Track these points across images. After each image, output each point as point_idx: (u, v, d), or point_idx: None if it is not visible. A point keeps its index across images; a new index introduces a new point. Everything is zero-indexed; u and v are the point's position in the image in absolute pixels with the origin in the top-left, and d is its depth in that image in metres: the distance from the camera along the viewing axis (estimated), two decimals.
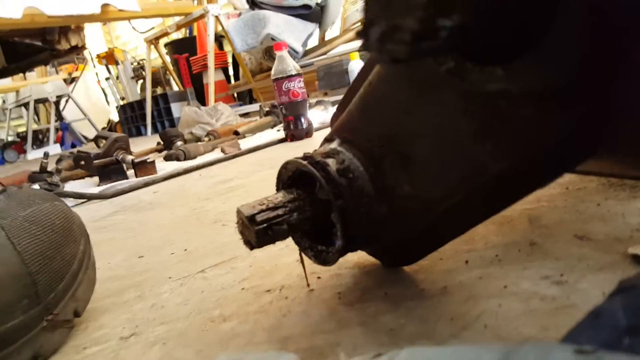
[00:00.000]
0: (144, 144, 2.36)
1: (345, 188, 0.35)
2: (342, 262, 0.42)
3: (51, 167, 1.54)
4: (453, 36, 0.21)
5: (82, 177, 1.53)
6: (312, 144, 1.36)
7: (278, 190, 0.39)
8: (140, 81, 4.62)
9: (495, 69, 0.23)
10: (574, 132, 0.25)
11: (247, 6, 3.32)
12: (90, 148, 2.01)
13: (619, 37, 0.20)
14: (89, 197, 1.19)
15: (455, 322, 0.30)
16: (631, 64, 0.21)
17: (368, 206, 0.35)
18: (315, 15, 3.15)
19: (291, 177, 0.39)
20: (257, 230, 0.32)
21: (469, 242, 0.41)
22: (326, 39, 3.24)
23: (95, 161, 1.40)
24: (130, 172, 1.40)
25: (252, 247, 0.33)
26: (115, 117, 5.33)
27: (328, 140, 0.41)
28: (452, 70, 0.25)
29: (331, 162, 0.37)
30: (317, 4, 3.19)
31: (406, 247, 0.36)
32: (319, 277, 0.41)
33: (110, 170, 1.35)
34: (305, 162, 0.37)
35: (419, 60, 0.21)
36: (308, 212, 0.36)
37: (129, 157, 1.47)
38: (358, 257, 0.43)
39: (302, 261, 0.38)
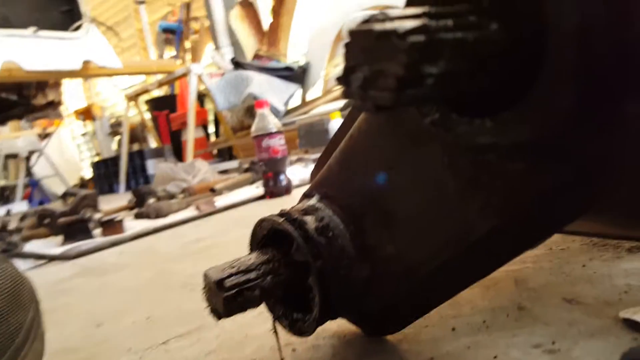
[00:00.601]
0: (115, 201, 2.30)
1: (324, 248, 0.33)
2: (319, 332, 0.38)
3: (15, 224, 1.47)
4: (439, 84, 0.20)
5: (46, 236, 1.46)
6: (291, 201, 1.34)
7: (252, 250, 0.37)
8: (117, 137, 4.60)
9: (484, 121, 0.22)
10: (567, 189, 0.23)
11: (231, 66, 3.38)
12: (59, 205, 1.95)
13: (611, 89, 0.19)
14: (50, 258, 1.13)
15: None
16: (625, 119, 0.20)
17: (349, 268, 0.33)
18: (298, 76, 3.23)
19: (266, 235, 0.36)
20: (226, 297, 0.29)
21: (455, 307, 0.39)
22: (308, 99, 3.30)
23: (60, 219, 1.34)
24: (98, 231, 1.35)
25: (219, 317, 0.30)
26: (89, 174, 5.24)
27: (307, 195, 0.39)
28: (437, 122, 0.24)
29: (309, 220, 0.35)
30: (299, 66, 3.27)
31: (390, 313, 0.33)
32: (294, 350, 0.38)
33: (75, 229, 1.29)
34: (281, 220, 0.34)
35: (403, 108, 0.20)
36: (283, 275, 0.33)
37: (97, 216, 1.42)
38: (338, 326, 0.39)
39: (275, 331, 0.35)
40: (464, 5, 0.21)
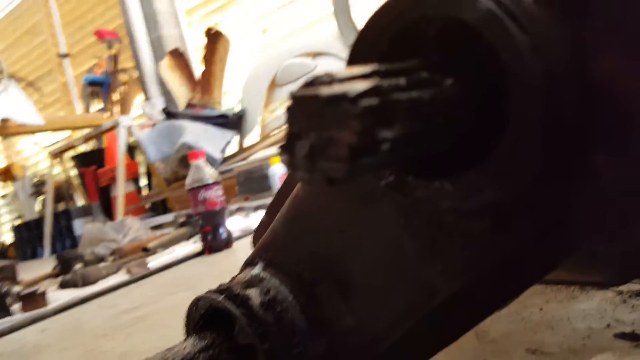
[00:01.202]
0: (39, 268, 2.13)
1: (272, 326, 0.29)
2: None
3: None
4: (396, 149, 0.17)
5: None
6: (232, 256, 1.29)
7: (188, 334, 0.32)
8: (41, 197, 4.34)
9: (443, 185, 0.20)
10: (533, 247, 0.21)
11: (162, 116, 3.30)
12: None
13: (579, 141, 0.18)
14: None
15: None
16: (593, 172, 0.19)
17: (302, 346, 0.29)
18: (234, 123, 3.20)
19: (204, 316, 0.32)
20: None
21: None
22: (245, 145, 3.27)
23: None
24: (17, 307, 1.22)
25: None
26: (10, 239, 4.87)
27: (249, 263, 0.35)
28: (392, 185, 0.22)
29: (253, 294, 0.31)
30: (235, 113, 3.25)
31: None
32: None
33: None
34: (220, 297, 0.31)
35: (357, 178, 0.17)
36: None
37: (15, 289, 1.29)
38: None
39: None
40: (413, 60, 0.19)
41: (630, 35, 0.17)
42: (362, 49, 0.22)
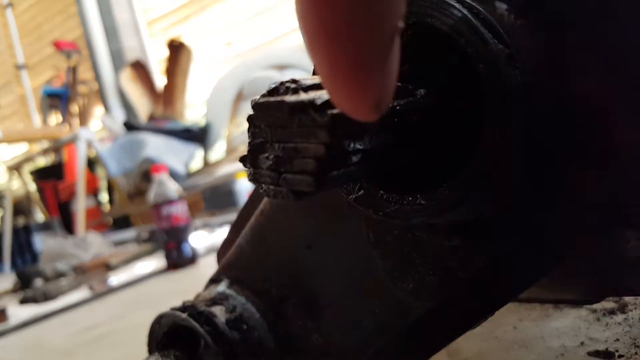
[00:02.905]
0: None
1: (238, 345, 0.28)
2: None
3: None
4: (365, 161, 0.17)
5: None
6: (197, 273, 1.25)
7: (151, 352, 0.31)
8: (0, 212, 4.17)
9: (415, 199, 0.19)
10: (508, 263, 0.21)
11: (122, 130, 3.23)
12: None
13: (555, 154, 0.17)
14: None
15: None
16: (569, 185, 0.18)
17: None
18: (198, 137, 3.15)
19: (167, 333, 0.31)
20: None
21: None
22: (210, 159, 3.22)
23: None
24: None
25: None
26: None
27: (214, 281, 0.34)
28: (361, 200, 0.21)
29: (219, 311, 0.30)
30: (199, 127, 3.20)
31: None
32: None
33: None
34: (184, 315, 0.29)
35: (325, 192, 0.16)
36: None
37: None
38: None
39: None
40: None
41: (609, 49, 0.16)
42: None
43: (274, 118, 0.16)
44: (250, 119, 0.16)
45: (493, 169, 0.17)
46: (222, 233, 1.84)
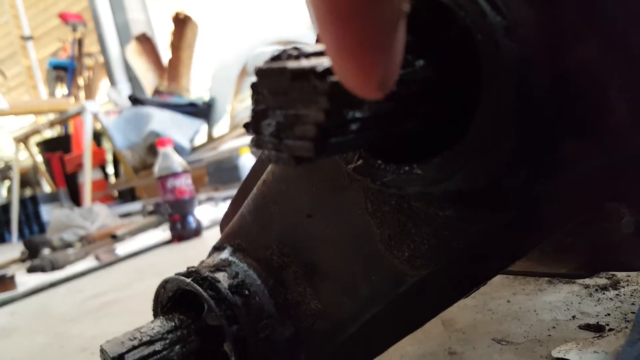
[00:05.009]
0: (6, 253, 2.08)
1: (240, 309, 0.29)
2: None
3: None
4: (364, 129, 0.17)
5: None
6: (201, 245, 1.27)
7: (156, 316, 0.32)
8: (7, 182, 4.20)
9: (412, 169, 0.20)
10: (500, 234, 0.22)
11: (128, 103, 3.23)
12: None
13: (550, 129, 0.18)
14: None
15: None
16: (559, 165, 0.19)
17: (269, 329, 0.29)
18: (203, 112, 3.15)
19: (172, 298, 0.32)
20: None
21: (384, 355, 0.36)
22: (215, 135, 3.23)
23: None
24: None
25: None
26: None
27: (217, 248, 0.35)
28: (360, 169, 0.21)
29: (222, 277, 0.31)
30: (204, 102, 3.19)
31: None
32: None
33: None
34: (188, 280, 0.30)
35: (325, 158, 0.17)
36: (194, 343, 0.29)
37: None
38: None
39: None
40: None
41: (607, 23, 0.16)
42: None
43: (276, 84, 0.16)
44: (253, 85, 0.17)
45: (488, 140, 0.17)
46: (225, 207, 1.86)
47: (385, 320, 0.27)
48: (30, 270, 1.38)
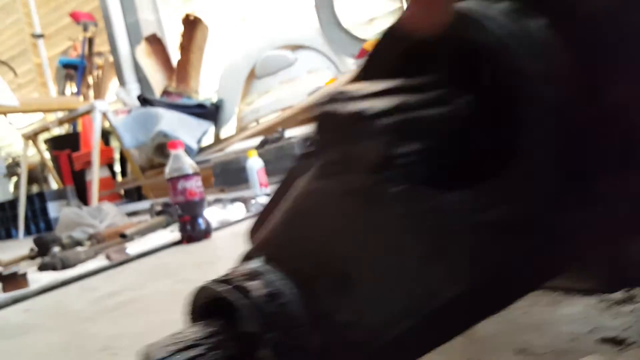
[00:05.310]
0: (14, 250, 2.09)
1: (274, 317, 0.30)
2: None
3: None
4: (414, 163, 0.19)
5: None
6: (211, 246, 1.29)
7: (192, 321, 0.33)
8: (15, 178, 4.23)
9: (454, 197, 0.21)
10: (536, 257, 0.23)
11: (137, 103, 3.25)
12: None
13: (589, 165, 0.19)
14: None
15: None
16: (593, 199, 0.20)
17: (302, 338, 0.30)
18: (211, 113, 3.16)
19: (207, 304, 0.33)
20: None
21: None
22: (222, 136, 3.24)
23: None
24: None
25: None
26: None
27: (248, 258, 0.36)
28: (403, 194, 0.23)
29: (256, 286, 0.32)
30: (212, 103, 3.21)
31: None
32: None
33: None
34: (222, 288, 0.31)
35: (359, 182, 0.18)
36: (232, 348, 0.30)
37: None
38: None
39: None
40: (428, 77, 0.20)
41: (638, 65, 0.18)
42: (376, 62, 0.23)
43: (333, 125, 0.18)
44: (315, 122, 0.18)
45: (531, 178, 0.19)
46: (233, 209, 1.87)
47: (415, 335, 0.28)
48: (41, 268, 1.39)
